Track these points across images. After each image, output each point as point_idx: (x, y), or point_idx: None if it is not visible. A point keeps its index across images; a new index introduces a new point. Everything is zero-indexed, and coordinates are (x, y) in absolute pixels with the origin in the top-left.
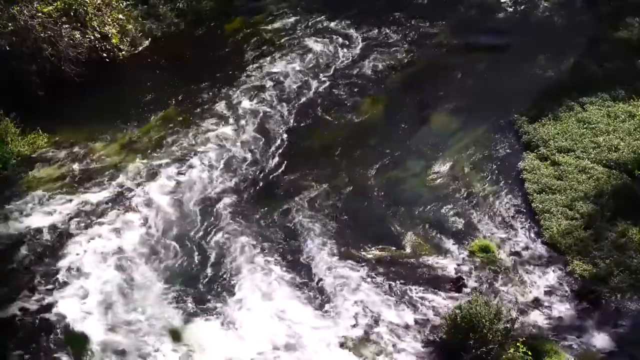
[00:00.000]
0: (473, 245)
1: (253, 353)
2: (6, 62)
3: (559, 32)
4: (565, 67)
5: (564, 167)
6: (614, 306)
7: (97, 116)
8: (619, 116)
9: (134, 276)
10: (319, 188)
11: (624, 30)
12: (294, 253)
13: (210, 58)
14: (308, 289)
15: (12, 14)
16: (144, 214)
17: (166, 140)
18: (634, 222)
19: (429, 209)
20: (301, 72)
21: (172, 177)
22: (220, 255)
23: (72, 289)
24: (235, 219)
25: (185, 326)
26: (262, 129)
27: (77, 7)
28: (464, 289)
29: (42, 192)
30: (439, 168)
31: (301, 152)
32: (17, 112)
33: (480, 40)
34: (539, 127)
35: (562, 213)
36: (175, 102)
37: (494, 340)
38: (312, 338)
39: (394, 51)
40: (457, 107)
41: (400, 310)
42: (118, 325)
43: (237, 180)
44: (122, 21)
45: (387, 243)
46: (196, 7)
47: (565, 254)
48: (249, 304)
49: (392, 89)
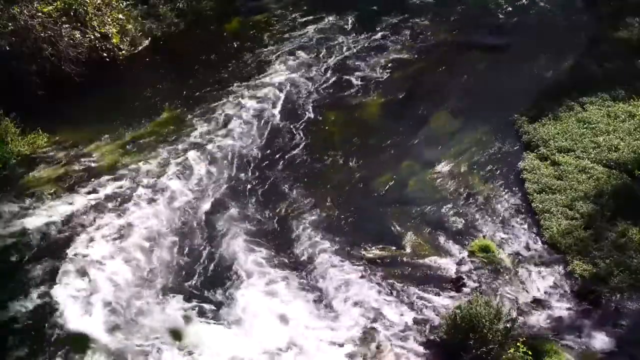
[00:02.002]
0: (473, 245)
1: (254, 353)
2: (6, 62)
3: (559, 32)
4: (565, 67)
5: (564, 167)
6: (614, 306)
7: (97, 116)
8: (619, 116)
9: (135, 276)
10: (319, 188)
11: (624, 30)
12: (294, 253)
13: (210, 58)
14: (308, 288)
15: (12, 14)
16: (144, 214)
17: (166, 140)
18: (634, 222)
19: (429, 209)
20: (301, 72)
21: (173, 177)
22: (221, 255)
23: (72, 289)
24: (235, 219)
25: (186, 326)
26: (262, 128)
27: (77, 6)
28: (464, 289)
29: (42, 192)
30: (439, 168)
31: (301, 152)
32: (17, 112)
33: (480, 40)
34: (539, 127)
35: (562, 213)
36: (176, 102)
37: (494, 340)
38: (313, 338)
39: (395, 51)
40: (457, 107)
41: (400, 310)
42: (118, 325)
43: (237, 180)
44: (122, 21)
45: (387, 243)
46: (196, 7)
47: (565, 254)
48: (250, 304)
49: (392, 89)
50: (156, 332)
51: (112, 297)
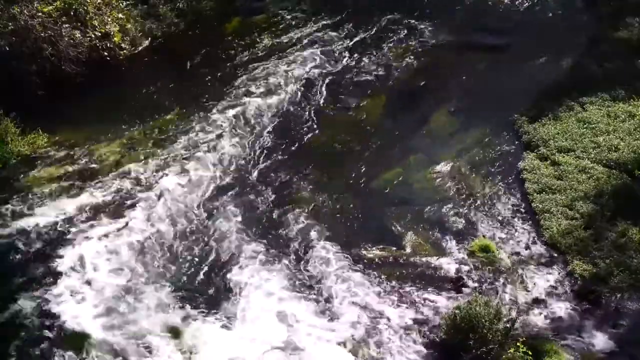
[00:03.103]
0: (473, 245)
1: (254, 353)
2: (6, 62)
3: (559, 32)
4: (565, 67)
5: (564, 167)
6: (614, 306)
7: (98, 116)
8: (619, 116)
9: (135, 276)
10: (319, 188)
11: (624, 30)
12: (294, 253)
13: (211, 58)
14: (308, 288)
15: (12, 14)
16: (145, 214)
17: (167, 140)
18: (634, 222)
19: (429, 209)
20: (301, 71)
21: (173, 177)
22: (221, 255)
23: (72, 289)
24: (235, 219)
25: (185, 326)
26: (262, 128)
27: (77, 6)
28: (464, 289)
29: (42, 192)
30: (439, 168)
31: (301, 152)
32: (17, 112)
33: (480, 40)
34: (539, 127)
35: (562, 213)
36: (176, 102)
37: (494, 340)
38: (313, 338)
39: (395, 51)
40: (457, 107)
41: (400, 310)
42: (118, 325)
43: (237, 181)
44: (122, 20)
45: (387, 243)
46: (196, 7)
47: (565, 254)
48: (250, 304)
49: (392, 89)
50: (156, 332)
51: (111, 296)
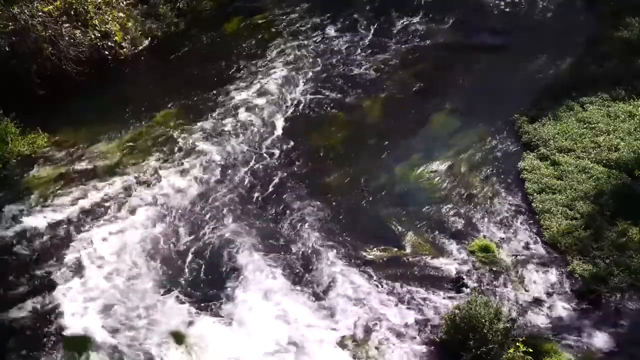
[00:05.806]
0: (473, 245)
1: (254, 353)
2: (6, 62)
3: (559, 32)
4: (565, 67)
5: (564, 167)
6: (614, 306)
7: (98, 116)
8: (619, 116)
9: (135, 276)
10: (319, 188)
11: (624, 30)
12: (294, 253)
13: (210, 58)
14: (309, 289)
15: (13, 13)
16: (145, 214)
17: (167, 140)
18: (634, 222)
19: (430, 209)
20: (301, 71)
21: (173, 177)
22: (221, 256)
23: (72, 289)
24: (236, 219)
25: (186, 326)
26: (262, 128)
27: (78, 5)
28: (464, 289)
29: (42, 192)
30: (439, 168)
31: (301, 153)
32: (17, 112)
33: (480, 40)
34: (539, 127)
35: (562, 213)
36: (176, 102)
37: (494, 340)
38: (313, 338)
39: (395, 51)
40: (457, 107)
41: (401, 310)
42: (119, 326)
43: (237, 181)
44: (122, 19)
45: (387, 243)
46: (196, 7)
47: (565, 254)
48: (250, 304)
49: (392, 89)
50: (157, 332)
51: (112, 297)
